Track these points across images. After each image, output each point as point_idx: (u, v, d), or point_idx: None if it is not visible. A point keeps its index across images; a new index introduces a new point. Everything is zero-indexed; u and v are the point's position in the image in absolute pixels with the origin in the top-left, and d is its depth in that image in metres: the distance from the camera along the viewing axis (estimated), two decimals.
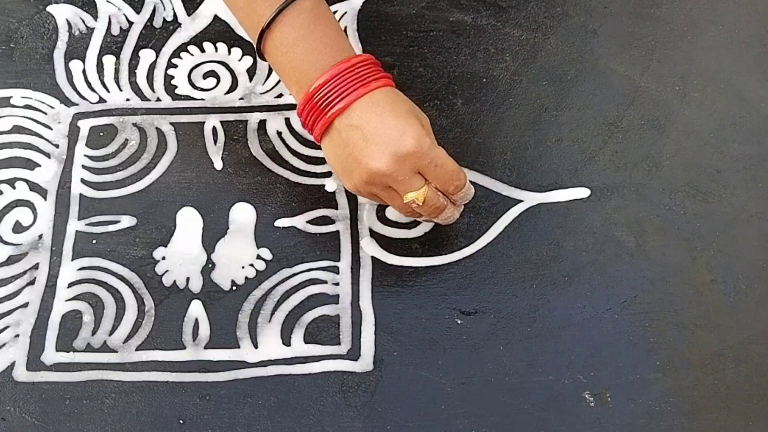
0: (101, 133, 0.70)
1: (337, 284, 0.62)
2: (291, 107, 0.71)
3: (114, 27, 0.76)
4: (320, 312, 0.61)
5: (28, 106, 0.71)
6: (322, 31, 0.57)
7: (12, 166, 0.68)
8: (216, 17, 0.77)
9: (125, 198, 0.66)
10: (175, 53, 0.74)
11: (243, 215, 0.65)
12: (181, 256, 0.63)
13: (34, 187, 0.67)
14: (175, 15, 0.77)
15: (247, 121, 0.70)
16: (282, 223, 0.65)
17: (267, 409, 0.57)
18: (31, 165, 0.68)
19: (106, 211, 0.66)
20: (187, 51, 0.74)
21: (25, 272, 0.63)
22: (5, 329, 0.60)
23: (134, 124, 0.70)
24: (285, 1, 0.56)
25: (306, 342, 0.59)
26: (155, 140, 0.69)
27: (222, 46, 0.75)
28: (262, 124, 0.70)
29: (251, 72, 0.73)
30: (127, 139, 0.69)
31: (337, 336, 0.59)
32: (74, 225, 0.65)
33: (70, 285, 0.62)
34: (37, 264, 0.63)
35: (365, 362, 0.58)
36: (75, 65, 0.74)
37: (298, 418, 0.56)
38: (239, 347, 0.59)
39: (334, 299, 0.61)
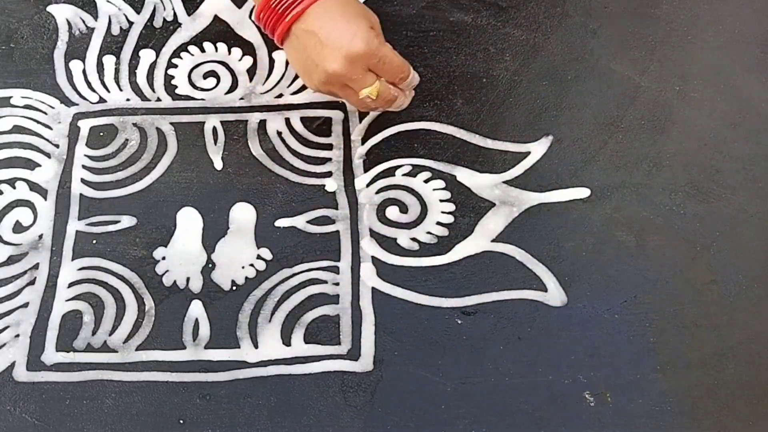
0: (101, 133, 0.70)
1: (337, 284, 0.62)
2: (291, 107, 0.71)
3: (114, 27, 0.76)
4: (320, 312, 0.61)
5: (28, 106, 0.71)
6: None
7: (12, 166, 0.68)
8: (216, 17, 0.77)
9: (125, 198, 0.66)
10: (175, 53, 0.74)
11: (243, 215, 0.65)
12: (181, 256, 0.63)
13: (34, 187, 0.67)
14: (175, 15, 0.77)
15: (247, 121, 0.70)
16: (282, 223, 0.65)
17: (267, 409, 0.57)
18: (31, 165, 0.68)
19: (106, 211, 0.66)
20: (187, 51, 0.74)
21: (25, 272, 0.63)
22: (5, 329, 0.60)
23: (134, 124, 0.70)
24: None
25: (306, 342, 0.59)
26: (155, 140, 0.69)
27: (222, 46, 0.75)
28: (262, 124, 0.70)
29: (251, 72, 0.73)
30: (127, 139, 0.69)
31: (337, 336, 0.59)
32: (74, 225, 0.65)
33: (70, 285, 0.62)
34: (37, 264, 0.63)
35: (365, 362, 0.58)
36: (75, 65, 0.74)
37: (298, 418, 0.56)
38: (239, 347, 0.59)
39: (334, 299, 0.61)
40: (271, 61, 0.73)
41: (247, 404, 0.57)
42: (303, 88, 0.72)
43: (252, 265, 0.63)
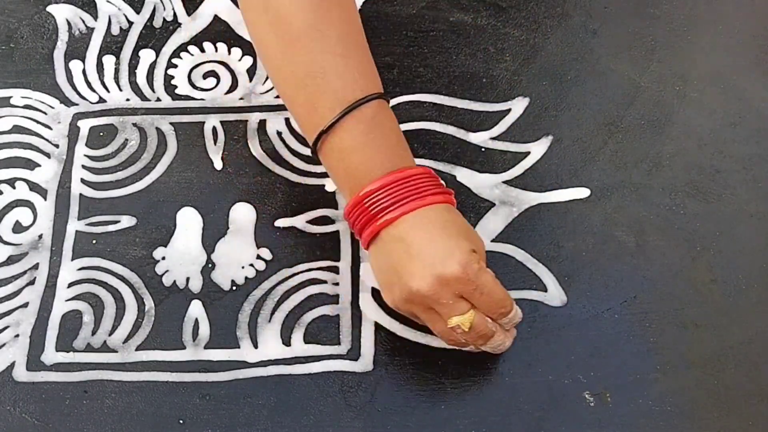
0: (101, 133, 0.70)
1: (337, 284, 0.62)
2: None
3: (114, 27, 0.76)
4: (320, 312, 0.61)
5: (28, 106, 0.71)
6: (381, 140, 0.55)
7: (12, 166, 0.68)
8: (216, 17, 0.77)
9: (125, 198, 0.66)
10: (175, 53, 0.74)
11: (243, 215, 0.65)
12: (181, 256, 0.63)
13: (34, 187, 0.67)
14: (175, 15, 0.77)
15: (247, 121, 0.70)
16: (282, 223, 0.65)
17: (267, 409, 0.57)
18: (31, 165, 0.68)
19: (106, 211, 0.66)
20: (187, 51, 0.74)
21: (25, 272, 0.63)
22: (5, 329, 0.60)
23: (134, 124, 0.70)
24: (347, 107, 0.54)
25: (306, 342, 0.59)
26: (155, 140, 0.69)
27: (222, 46, 0.75)
28: (262, 124, 0.70)
29: (251, 72, 0.73)
30: (127, 139, 0.69)
31: (337, 336, 0.59)
32: (74, 225, 0.65)
33: (70, 285, 0.62)
34: (37, 264, 0.63)
35: (365, 362, 0.58)
36: (75, 65, 0.74)
37: (298, 418, 0.56)
38: (239, 347, 0.59)
39: (334, 299, 0.61)
40: None
41: (247, 404, 0.57)
42: None
43: (252, 265, 0.63)
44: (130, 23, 0.76)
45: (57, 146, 0.69)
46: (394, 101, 0.70)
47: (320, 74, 0.55)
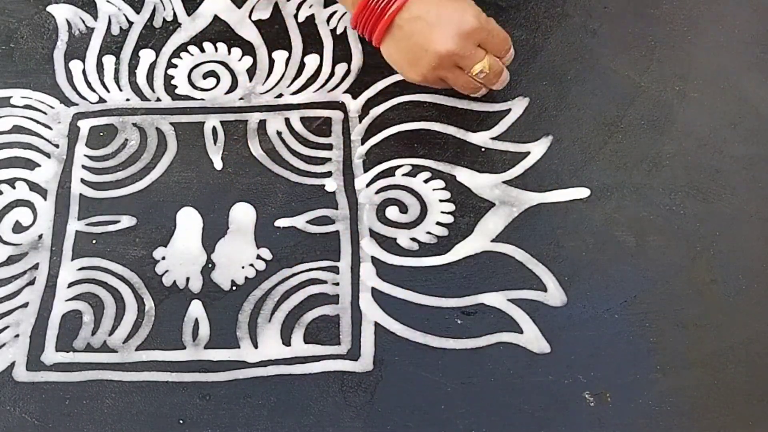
0: (101, 133, 0.70)
1: (337, 284, 0.62)
2: (291, 107, 0.71)
3: (114, 27, 0.76)
4: (320, 312, 0.61)
5: (28, 106, 0.71)
6: None
7: (12, 166, 0.68)
8: (216, 17, 0.77)
9: (125, 198, 0.66)
10: (175, 53, 0.74)
11: (243, 215, 0.65)
12: (181, 256, 0.63)
13: (34, 187, 0.67)
14: (175, 15, 0.77)
15: (247, 121, 0.70)
16: (282, 223, 0.65)
17: (267, 409, 0.57)
18: (31, 165, 0.68)
19: (106, 211, 0.66)
20: (187, 51, 0.74)
21: (25, 272, 0.63)
22: (5, 329, 0.60)
23: (134, 124, 0.70)
24: None
25: (306, 342, 0.59)
26: (155, 140, 0.69)
27: (222, 46, 0.75)
28: (262, 124, 0.70)
29: (251, 72, 0.73)
30: (127, 139, 0.69)
31: (337, 336, 0.59)
32: (74, 225, 0.65)
33: (70, 285, 0.62)
34: (37, 264, 0.63)
35: (365, 362, 0.58)
36: (75, 65, 0.74)
37: (298, 418, 0.56)
38: (239, 347, 0.59)
39: (334, 299, 0.61)
40: (271, 61, 0.73)
41: (247, 404, 0.57)
42: (303, 88, 0.72)
43: (252, 265, 0.63)
44: (130, 23, 0.76)
45: (57, 146, 0.69)
46: (394, 101, 0.70)
47: None
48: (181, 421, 0.56)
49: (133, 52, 0.74)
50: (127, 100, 0.72)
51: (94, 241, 0.64)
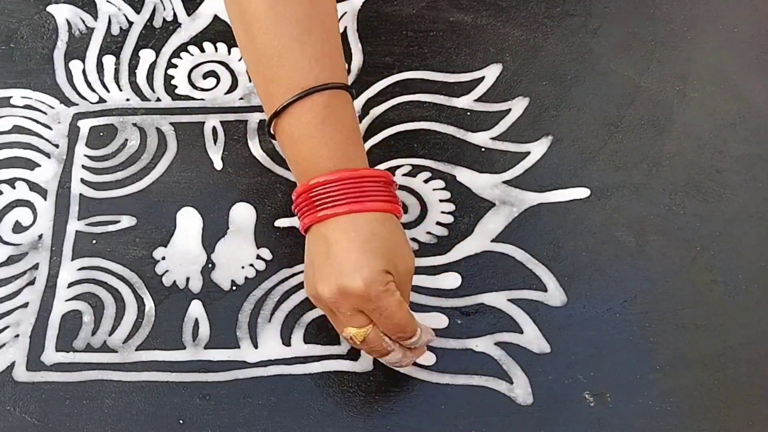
0: (101, 133, 0.70)
1: None
2: None
3: (114, 27, 0.76)
4: (320, 312, 0.60)
5: (28, 106, 0.71)
6: (331, 132, 0.53)
7: (12, 166, 0.68)
8: (216, 17, 0.77)
9: (125, 198, 0.66)
10: (175, 53, 0.74)
11: (243, 215, 0.65)
12: (181, 256, 0.63)
13: (34, 187, 0.67)
14: (175, 15, 0.77)
15: (247, 121, 0.70)
16: (282, 223, 0.65)
17: (267, 409, 0.57)
18: (31, 165, 0.68)
19: (106, 211, 0.66)
20: (187, 51, 0.74)
21: (25, 272, 0.63)
22: (5, 329, 0.60)
23: (134, 124, 0.70)
24: (298, 94, 0.53)
25: (306, 342, 0.59)
26: (155, 140, 0.69)
27: (222, 46, 0.75)
28: (262, 124, 0.70)
29: None
30: (127, 139, 0.69)
31: (337, 336, 0.59)
32: (74, 225, 0.65)
33: (70, 285, 0.62)
34: (37, 264, 0.63)
35: (365, 362, 0.58)
36: (75, 65, 0.74)
37: (298, 418, 0.56)
38: (239, 347, 0.59)
39: None
40: None
41: (247, 404, 0.57)
42: None
43: (252, 265, 0.63)
44: (130, 23, 0.76)
45: (57, 146, 0.69)
46: (394, 101, 0.70)
47: (276, 57, 0.54)
48: (181, 421, 0.56)
49: (133, 52, 0.74)
50: (127, 100, 0.72)
51: (94, 241, 0.64)
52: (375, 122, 0.69)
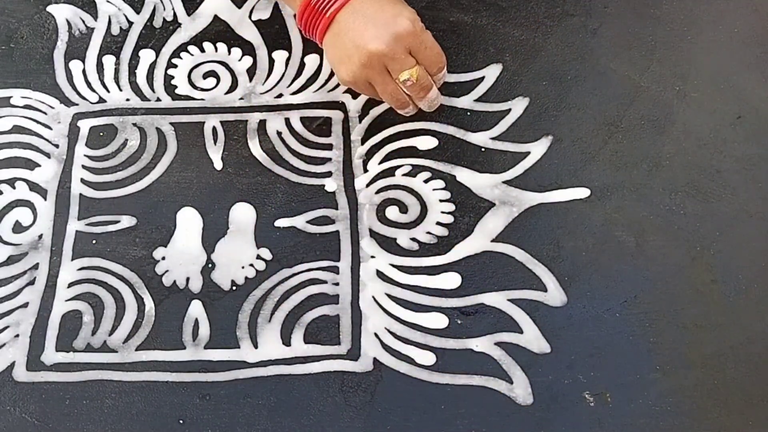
0: (101, 133, 0.70)
1: (337, 284, 0.62)
2: (291, 107, 0.71)
3: (114, 27, 0.76)
4: (320, 312, 0.61)
5: (28, 106, 0.71)
6: None
7: (12, 166, 0.68)
8: (216, 17, 0.77)
9: (125, 198, 0.66)
10: (175, 53, 0.74)
11: (243, 215, 0.65)
12: (181, 256, 0.63)
13: (34, 187, 0.67)
14: (175, 15, 0.77)
15: (247, 121, 0.70)
16: (282, 223, 0.65)
17: (267, 409, 0.57)
18: (31, 165, 0.68)
19: (106, 211, 0.66)
20: (187, 51, 0.74)
21: (25, 272, 0.63)
22: (5, 329, 0.60)
23: (134, 124, 0.70)
24: None
25: (306, 342, 0.59)
26: (155, 140, 0.69)
27: (222, 46, 0.75)
28: (262, 124, 0.70)
29: (251, 72, 0.73)
30: (127, 139, 0.69)
31: (337, 336, 0.59)
32: (74, 225, 0.65)
33: (70, 285, 0.62)
34: (37, 264, 0.63)
35: (365, 362, 0.58)
36: (75, 65, 0.74)
37: (298, 418, 0.56)
38: (239, 347, 0.59)
39: (334, 299, 0.61)
40: (271, 61, 0.73)
41: (247, 404, 0.57)
42: (303, 88, 0.72)
43: (252, 265, 0.63)
44: (130, 23, 0.76)
45: (57, 146, 0.69)
46: None
47: None
48: (181, 421, 0.56)
49: (133, 52, 0.74)
50: (127, 100, 0.72)
51: (94, 241, 0.64)
52: (375, 122, 0.69)
